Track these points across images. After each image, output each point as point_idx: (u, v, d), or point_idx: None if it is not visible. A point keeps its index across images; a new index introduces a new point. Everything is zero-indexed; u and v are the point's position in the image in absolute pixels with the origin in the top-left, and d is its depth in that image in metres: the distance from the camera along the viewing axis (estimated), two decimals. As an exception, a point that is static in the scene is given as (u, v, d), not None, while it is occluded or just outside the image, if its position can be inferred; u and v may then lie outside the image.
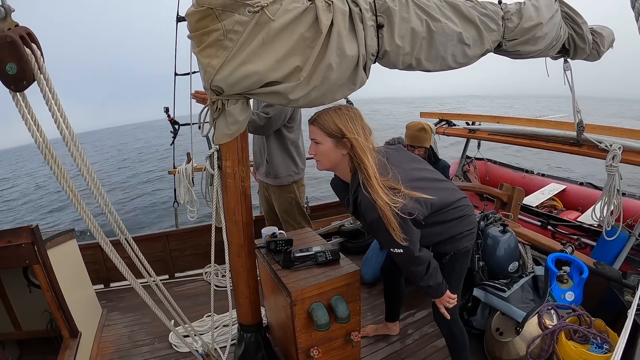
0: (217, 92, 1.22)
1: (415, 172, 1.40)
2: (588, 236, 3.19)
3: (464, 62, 1.54)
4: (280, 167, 2.40)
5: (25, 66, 0.84)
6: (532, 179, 4.99)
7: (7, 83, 0.84)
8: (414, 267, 1.36)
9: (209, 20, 1.12)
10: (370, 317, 2.33)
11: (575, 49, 1.85)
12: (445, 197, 1.39)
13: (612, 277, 1.91)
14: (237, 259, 1.58)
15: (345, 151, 1.33)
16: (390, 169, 1.29)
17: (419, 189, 1.28)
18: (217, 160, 1.46)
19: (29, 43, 0.86)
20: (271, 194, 2.57)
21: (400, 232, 1.22)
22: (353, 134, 1.29)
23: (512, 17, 1.57)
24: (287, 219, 2.56)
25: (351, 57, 1.24)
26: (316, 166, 1.44)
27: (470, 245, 1.51)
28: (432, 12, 1.37)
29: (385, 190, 1.22)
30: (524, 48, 1.65)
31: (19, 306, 2.29)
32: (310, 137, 1.39)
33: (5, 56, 0.81)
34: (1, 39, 0.81)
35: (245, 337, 1.72)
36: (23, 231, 1.66)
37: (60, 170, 1.02)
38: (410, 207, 1.23)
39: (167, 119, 3.22)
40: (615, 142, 2.03)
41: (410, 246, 1.27)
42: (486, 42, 1.53)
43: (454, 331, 1.63)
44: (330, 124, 1.31)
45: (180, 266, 3.13)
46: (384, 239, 1.29)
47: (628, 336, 0.99)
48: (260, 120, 2.18)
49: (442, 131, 3.48)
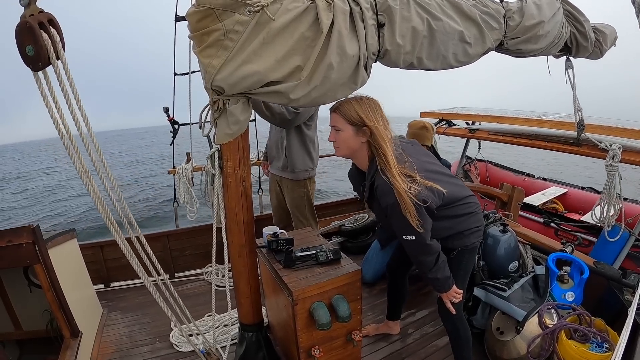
0: (218, 92, 1.22)
1: (428, 164, 1.44)
2: (591, 234, 3.19)
3: (466, 61, 1.54)
4: (298, 162, 2.44)
5: (41, 50, 0.93)
6: (533, 182, 4.99)
7: (27, 63, 0.94)
8: (424, 256, 1.38)
9: (209, 21, 1.12)
10: (370, 317, 2.33)
11: (578, 47, 1.85)
12: (455, 192, 1.43)
13: (612, 277, 1.92)
14: (238, 259, 1.58)
15: (364, 139, 1.37)
16: (406, 158, 1.34)
17: (432, 180, 1.33)
18: (218, 160, 1.46)
19: (47, 29, 0.94)
20: (284, 188, 2.58)
21: (417, 216, 1.25)
22: (373, 122, 1.34)
23: (513, 15, 1.57)
24: (297, 213, 2.58)
25: (352, 57, 1.25)
26: (335, 153, 1.49)
27: (477, 242, 1.54)
28: (433, 10, 1.37)
29: (402, 176, 1.27)
30: (526, 46, 1.65)
31: (20, 306, 2.29)
32: (330, 124, 1.43)
33: (25, 39, 0.92)
34: (22, 24, 0.90)
35: (247, 336, 1.73)
36: (24, 231, 1.65)
37: (79, 157, 1.08)
38: (424, 195, 1.27)
39: (167, 118, 3.22)
40: (615, 141, 2.04)
41: (422, 234, 1.30)
42: (488, 40, 1.53)
43: (458, 327, 1.64)
44: (352, 112, 1.35)
45: (181, 266, 3.13)
46: (398, 225, 1.33)
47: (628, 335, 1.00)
48: (289, 115, 2.22)
49: (442, 131, 3.49)
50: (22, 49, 0.92)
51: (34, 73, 0.96)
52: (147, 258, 1.38)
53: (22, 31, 0.91)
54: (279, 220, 2.71)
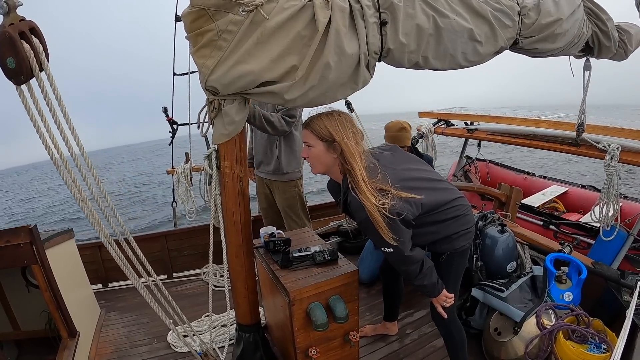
0: (213, 92, 1.22)
1: (407, 172, 1.40)
2: (590, 236, 3.19)
3: (476, 61, 1.46)
4: (292, 163, 2.47)
5: (22, 62, 0.87)
6: (534, 181, 4.99)
7: (9, 76, 0.90)
8: (405, 266, 1.38)
9: (203, 21, 1.12)
10: (368, 317, 2.33)
11: (600, 47, 1.75)
12: (439, 197, 1.39)
13: (610, 277, 1.91)
14: (235, 259, 1.58)
15: (335, 155, 1.36)
16: (380, 170, 1.30)
17: (409, 189, 1.29)
18: (216, 160, 1.46)
19: (29, 39, 0.89)
20: (274, 190, 2.58)
21: (389, 231, 1.24)
22: (343, 138, 1.32)
23: (529, 12, 1.48)
24: (290, 213, 2.58)
25: (351, 56, 1.21)
26: (311, 170, 1.48)
27: (467, 244, 1.50)
28: (440, 7, 1.31)
29: (372, 192, 1.24)
30: (543, 46, 1.56)
31: (18, 306, 2.29)
32: (302, 140, 1.43)
33: (5, 51, 0.86)
34: (1, 34, 0.84)
35: (244, 337, 1.72)
36: (21, 231, 1.65)
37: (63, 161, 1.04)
38: (398, 208, 1.24)
39: (166, 118, 3.22)
40: (614, 142, 2.03)
41: (399, 246, 1.28)
42: (500, 39, 1.45)
43: (451, 330, 1.63)
44: (321, 128, 1.34)
45: (179, 266, 3.13)
46: (374, 238, 1.32)
47: (627, 336, 1.00)
48: (287, 126, 2.28)
49: (440, 131, 3.48)
50: (2, 62, 0.87)
51: (17, 87, 0.91)
52: (136, 260, 1.37)
53: (2, 42, 0.85)
54: (270, 223, 2.71)
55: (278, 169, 2.46)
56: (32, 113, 0.94)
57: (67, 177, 1.07)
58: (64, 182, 1.07)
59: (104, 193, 1.22)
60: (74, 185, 1.08)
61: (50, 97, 0.96)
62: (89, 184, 1.16)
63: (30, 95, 0.93)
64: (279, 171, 2.47)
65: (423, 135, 3.37)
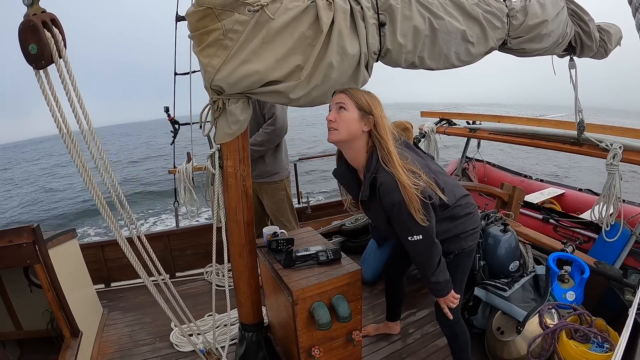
0: (217, 91, 1.22)
1: (429, 162, 1.42)
2: (590, 229, 3.18)
3: (468, 61, 1.52)
4: (278, 163, 2.47)
5: (44, 48, 0.94)
6: (531, 184, 4.99)
7: (30, 61, 0.96)
8: (430, 256, 1.32)
9: (208, 20, 1.12)
10: (371, 317, 2.33)
11: (582, 46, 1.82)
12: (456, 192, 1.41)
13: (612, 277, 1.91)
14: (238, 259, 1.58)
15: (367, 128, 1.28)
16: (408, 154, 1.29)
17: (432, 178, 1.30)
18: (219, 160, 1.46)
19: (50, 28, 0.96)
20: (263, 193, 2.57)
21: (423, 212, 1.21)
22: (380, 112, 1.28)
23: (517, 14, 1.55)
24: (279, 217, 2.57)
25: (352, 56, 1.24)
26: (328, 137, 1.31)
27: (474, 244, 1.50)
28: (435, 9, 1.36)
29: (405, 171, 1.22)
30: (530, 46, 1.63)
31: (20, 306, 2.29)
32: (335, 102, 1.29)
33: (29, 37, 0.93)
34: (26, 22, 0.92)
35: (247, 336, 1.73)
36: (24, 231, 1.66)
37: (79, 155, 1.09)
38: (429, 191, 1.24)
39: (167, 118, 3.22)
40: (616, 141, 2.03)
41: (429, 229, 1.25)
42: (490, 40, 1.51)
43: (456, 331, 1.62)
44: (361, 97, 1.27)
45: (181, 266, 3.13)
46: (404, 225, 1.26)
47: (629, 335, 0.99)
48: (273, 127, 2.29)
49: (442, 130, 3.48)
50: (25, 47, 0.94)
51: (36, 71, 0.98)
52: (148, 258, 1.38)
53: (26, 29, 0.92)
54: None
55: (267, 171, 2.45)
56: (48, 97, 1.01)
57: (84, 175, 1.11)
58: (82, 178, 1.11)
59: (118, 190, 1.23)
60: (90, 182, 1.12)
61: (67, 82, 1.02)
62: (105, 180, 1.20)
63: (47, 80, 1.00)
64: (267, 173, 2.46)
65: (425, 135, 3.37)
